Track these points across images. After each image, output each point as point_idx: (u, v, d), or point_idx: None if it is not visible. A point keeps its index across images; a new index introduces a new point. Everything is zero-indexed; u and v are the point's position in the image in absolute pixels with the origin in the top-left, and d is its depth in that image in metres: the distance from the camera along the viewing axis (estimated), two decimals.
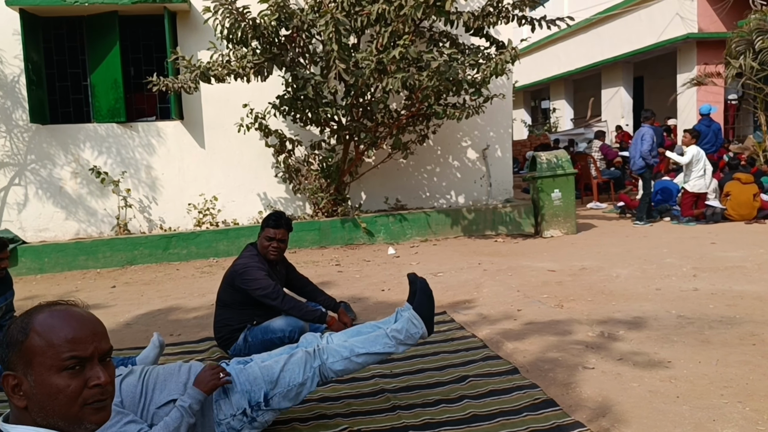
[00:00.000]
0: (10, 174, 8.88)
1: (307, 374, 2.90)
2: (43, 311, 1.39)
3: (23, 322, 1.37)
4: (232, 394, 2.83)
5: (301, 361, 2.92)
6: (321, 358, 2.94)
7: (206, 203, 9.07)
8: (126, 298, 6.31)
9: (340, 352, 2.97)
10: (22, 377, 1.34)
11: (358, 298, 5.66)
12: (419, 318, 3.06)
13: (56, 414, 1.34)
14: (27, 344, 1.34)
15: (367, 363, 3.04)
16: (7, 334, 1.37)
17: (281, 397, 2.86)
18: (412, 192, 9.78)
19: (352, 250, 8.40)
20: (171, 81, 7.69)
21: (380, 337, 3.02)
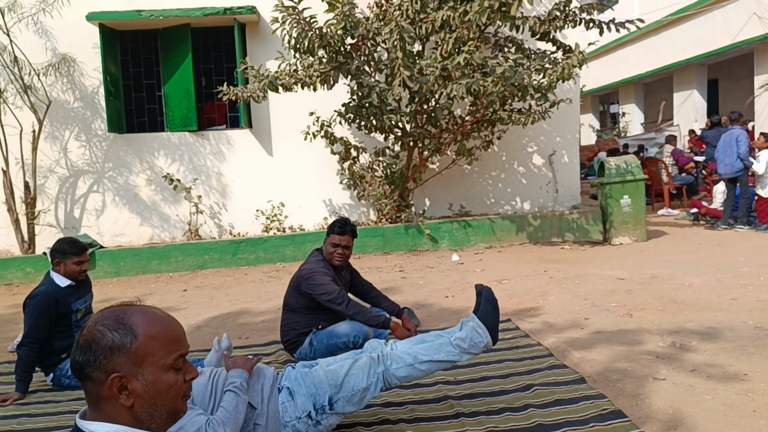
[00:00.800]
0: (89, 181, 9.30)
1: (371, 380, 2.93)
2: (139, 313, 1.45)
3: (124, 325, 1.41)
4: (297, 397, 2.90)
5: (365, 366, 2.96)
6: (385, 364, 2.97)
7: (273, 209, 9.26)
8: (197, 302, 6.51)
9: (403, 358, 2.98)
10: (131, 377, 1.40)
11: (421, 304, 5.67)
12: (484, 327, 3.05)
13: (165, 408, 1.43)
14: (138, 345, 1.40)
15: (431, 370, 3.05)
16: (102, 338, 1.40)
17: (345, 402, 2.90)
18: (477, 198, 9.72)
19: (416, 256, 8.41)
20: (240, 90, 7.90)
21: (444, 345, 3.02)
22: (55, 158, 9.21)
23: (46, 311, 4.05)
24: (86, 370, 1.40)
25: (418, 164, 8.81)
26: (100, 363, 1.39)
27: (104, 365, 1.39)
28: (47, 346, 4.09)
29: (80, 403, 3.83)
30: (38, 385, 4.18)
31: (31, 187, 8.75)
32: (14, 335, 5.20)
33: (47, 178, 9.19)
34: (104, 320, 1.44)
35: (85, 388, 1.42)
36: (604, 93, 25.56)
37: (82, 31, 8.88)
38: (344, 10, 7.23)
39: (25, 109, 8.57)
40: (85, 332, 1.42)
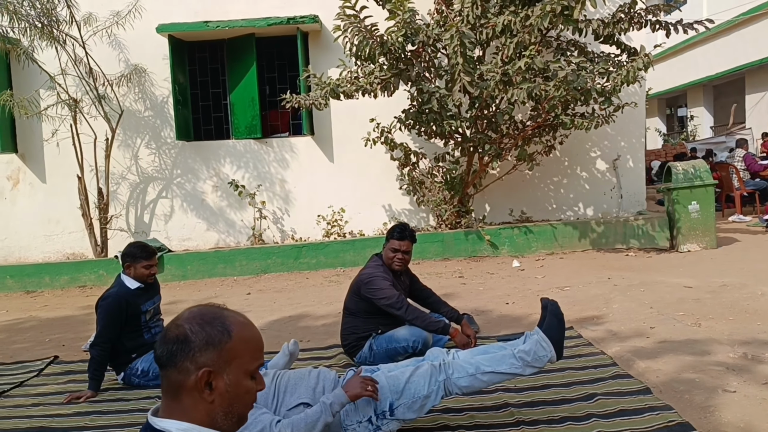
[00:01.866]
0: (158, 187, 9.62)
1: (432, 387, 2.93)
2: (234, 315, 1.52)
3: (222, 323, 1.48)
4: (358, 401, 2.93)
5: (426, 373, 2.96)
6: (446, 372, 2.97)
7: (334, 215, 9.38)
8: (260, 305, 6.65)
9: (465, 368, 2.98)
10: (218, 375, 1.45)
11: (481, 310, 5.63)
12: (548, 341, 3.00)
13: (237, 412, 1.48)
14: (230, 346, 1.46)
15: (492, 382, 3.04)
16: (201, 332, 1.46)
17: (406, 408, 2.92)
18: (538, 204, 9.60)
19: (476, 262, 8.36)
20: (303, 98, 8.04)
21: (507, 357, 3.00)
22: (126, 165, 9.57)
23: (117, 312, 4.21)
24: (176, 360, 1.44)
25: (478, 170, 8.76)
26: (193, 355, 1.44)
27: (196, 357, 1.44)
28: (118, 345, 4.26)
29: (149, 402, 3.97)
30: (109, 383, 4.35)
31: (104, 193, 9.12)
32: (87, 335, 5.42)
33: (119, 185, 9.56)
34: (202, 316, 1.49)
35: (167, 377, 1.46)
36: (672, 96, 24.82)
37: (152, 43, 9.22)
38: (405, 17, 7.28)
39: (99, 118, 8.95)
40: (177, 324, 1.48)
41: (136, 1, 8.73)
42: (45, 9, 8.25)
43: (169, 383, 1.47)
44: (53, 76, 8.73)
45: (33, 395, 4.32)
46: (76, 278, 8.64)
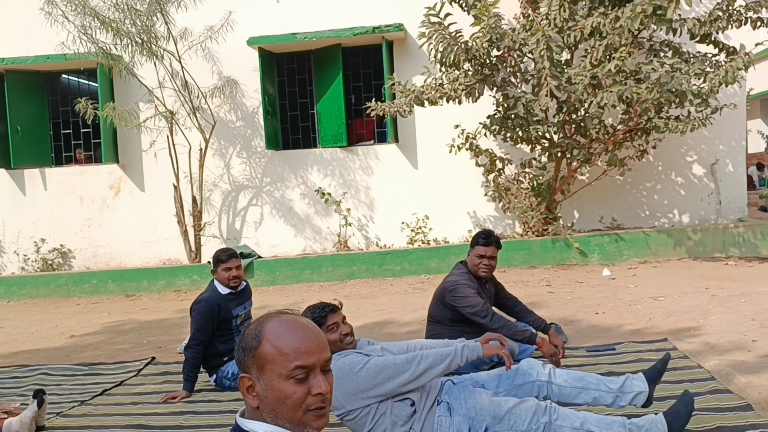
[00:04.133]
0: (248, 195, 9.94)
1: (532, 426, 2.86)
2: (273, 320, 1.53)
3: (256, 329, 1.52)
4: (455, 415, 2.91)
5: (530, 410, 2.89)
6: (550, 415, 2.88)
7: (418, 222, 9.38)
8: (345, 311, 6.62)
9: (571, 419, 2.86)
10: (255, 380, 1.50)
11: (569, 320, 5.49)
12: (666, 428, 2.85)
13: (283, 416, 1.49)
14: (260, 351, 1.49)
15: None
16: (242, 339, 1.54)
17: None
18: (630, 210, 9.27)
19: (564, 270, 8.16)
20: (388, 106, 8.10)
21: (617, 423, 2.85)
22: (219, 174, 9.93)
23: (209, 316, 4.37)
24: (239, 365, 1.54)
25: (566, 175, 8.56)
26: (242, 361, 1.52)
27: (242, 364, 1.52)
28: (210, 348, 4.41)
29: (239, 404, 4.09)
30: (203, 384, 4.52)
31: (198, 201, 9.49)
32: (182, 338, 5.65)
33: (212, 192, 9.93)
34: (253, 323, 1.57)
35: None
36: None
37: (243, 55, 9.53)
38: (490, 22, 7.22)
39: (194, 129, 9.33)
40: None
41: (228, 15, 9.06)
42: (145, 26, 8.69)
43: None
44: (151, 89, 9.18)
45: (132, 394, 4.55)
46: (171, 283, 9.03)
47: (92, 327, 7.10)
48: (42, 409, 3.82)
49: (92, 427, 3.90)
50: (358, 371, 2.81)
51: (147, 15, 8.62)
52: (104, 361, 5.47)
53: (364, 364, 2.83)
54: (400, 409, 2.87)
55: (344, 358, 2.89)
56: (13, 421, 3.75)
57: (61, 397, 4.56)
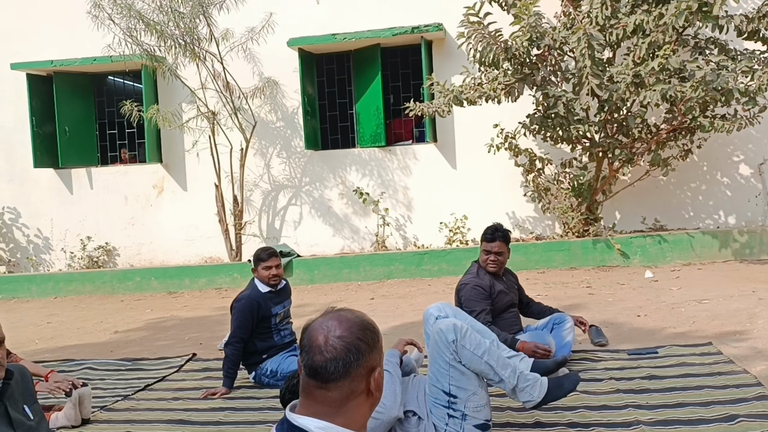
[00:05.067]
0: (288, 195, 10.03)
1: (448, 355, 2.98)
2: (371, 322, 1.60)
3: (371, 325, 1.57)
4: (430, 414, 3.03)
5: (443, 342, 3.03)
6: (457, 334, 3.00)
7: (457, 222, 9.35)
8: (383, 310, 6.74)
9: (477, 344, 3.01)
10: (379, 370, 1.57)
11: (610, 323, 5.40)
12: (545, 392, 3.06)
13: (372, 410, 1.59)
14: (381, 344, 1.58)
15: (483, 374, 3.02)
16: (364, 335, 1.54)
17: (457, 381, 2.99)
18: (673, 211, 9.08)
19: (605, 272, 8.04)
20: (426, 106, 8.09)
21: (510, 366, 3.06)
22: (259, 173, 10.05)
23: (249, 314, 4.42)
24: (351, 369, 1.49)
25: (607, 176, 8.43)
26: (366, 360, 1.51)
27: (367, 362, 1.52)
28: (250, 346, 4.47)
29: (278, 401, 4.12)
30: (242, 381, 4.58)
31: (239, 200, 9.62)
32: (222, 334, 5.72)
33: (252, 192, 10.05)
34: (354, 322, 1.56)
35: (338, 389, 1.50)
36: None
37: (283, 56, 9.62)
38: (530, 21, 7.15)
39: (235, 129, 9.46)
40: (337, 336, 1.51)
41: (269, 17, 9.15)
42: (188, 28, 8.84)
43: (339, 394, 1.50)
44: (194, 90, 9.34)
45: (173, 389, 4.63)
46: (213, 280, 9.17)
47: (135, 323, 7.26)
48: (86, 402, 3.92)
49: (135, 421, 3.99)
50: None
51: (190, 17, 8.77)
52: (147, 357, 5.58)
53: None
54: (407, 425, 2.97)
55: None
56: (59, 415, 3.86)
57: (105, 392, 4.66)
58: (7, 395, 2.39)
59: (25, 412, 2.45)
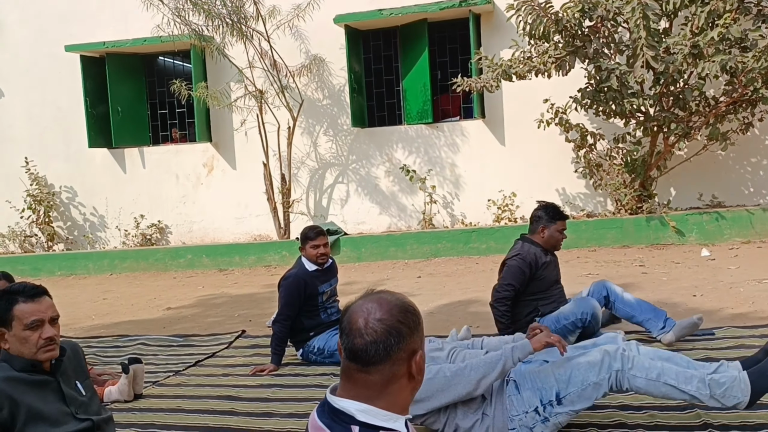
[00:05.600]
0: (335, 173, 10.04)
1: (603, 375, 2.75)
2: (406, 298, 1.57)
3: (411, 308, 1.54)
4: (522, 391, 2.87)
5: (597, 360, 2.79)
6: (623, 363, 2.75)
7: (505, 199, 9.21)
8: (429, 288, 6.71)
9: (647, 369, 2.73)
10: (420, 353, 1.54)
11: (665, 303, 5.24)
12: (749, 387, 2.64)
13: (413, 392, 1.56)
14: (422, 325, 1.55)
15: (667, 396, 2.76)
16: (405, 318, 1.51)
17: (575, 397, 2.78)
18: (732, 187, 8.74)
19: (659, 250, 7.82)
20: (474, 81, 7.95)
21: (695, 378, 2.69)
22: (306, 152, 10.08)
23: (296, 292, 4.44)
24: (391, 352, 1.46)
25: (662, 151, 8.16)
26: (406, 343, 1.48)
27: (408, 345, 1.49)
28: (297, 324, 4.49)
29: (325, 378, 4.16)
30: (290, 359, 4.62)
31: (287, 179, 9.68)
32: (271, 312, 5.77)
33: (299, 170, 10.10)
34: (397, 306, 1.52)
35: (379, 373, 1.47)
36: None
37: (330, 33, 9.58)
38: None
39: (282, 107, 9.49)
40: (378, 319, 1.48)
41: None
42: (235, 7, 8.87)
43: (380, 378, 1.48)
44: (241, 69, 9.39)
45: (223, 366, 4.71)
46: (262, 258, 9.28)
47: (187, 300, 7.41)
48: (139, 377, 4.02)
49: (185, 397, 4.07)
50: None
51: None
52: (198, 333, 5.69)
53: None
54: (469, 400, 2.85)
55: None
56: (113, 389, 3.96)
57: (158, 367, 4.77)
58: (60, 371, 2.45)
59: (78, 388, 2.50)
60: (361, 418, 1.47)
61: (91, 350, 5.40)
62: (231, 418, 3.65)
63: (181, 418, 3.72)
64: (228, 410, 3.77)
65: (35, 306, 2.36)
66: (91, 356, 5.23)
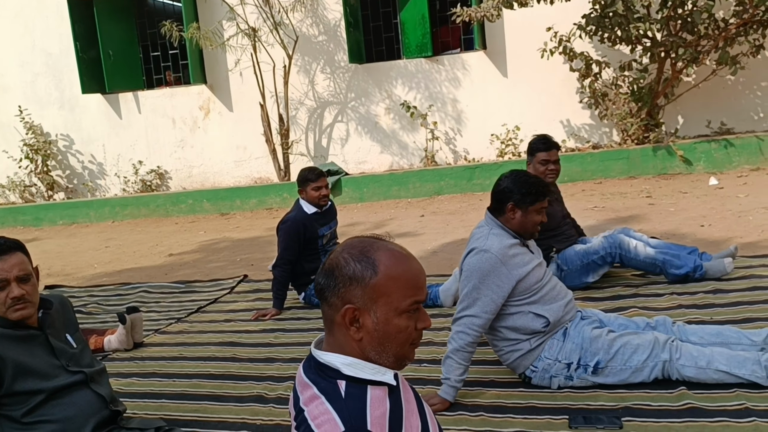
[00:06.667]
0: (333, 112, 9.83)
1: (649, 363, 2.68)
2: (385, 251, 1.42)
3: (368, 258, 1.40)
4: (567, 341, 2.82)
5: (648, 345, 2.71)
6: (671, 353, 2.67)
7: (508, 133, 9.01)
8: (433, 227, 6.62)
9: (696, 358, 2.64)
10: (364, 312, 1.39)
11: (672, 234, 5.15)
12: None
13: (392, 351, 1.41)
14: (376, 282, 1.38)
15: (722, 381, 2.62)
16: (346, 267, 1.40)
17: (612, 371, 2.74)
18: (741, 113, 8.51)
19: (666, 180, 7.67)
20: (474, 10, 7.66)
21: (750, 361, 2.58)
22: (303, 91, 9.84)
23: (295, 235, 4.36)
24: (326, 294, 1.41)
25: (670, 77, 7.91)
26: (339, 290, 1.40)
27: (342, 293, 1.40)
28: (298, 267, 4.42)
29: None
30: (292, 302, 4.58)
31: (285, 119, 9.48)
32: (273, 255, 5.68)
33: (298, 110, 9.88)
34: (351, 249, 1.43)
35: (322, 310, 1.45)
36: None
37: None
38: None
39: (277, 45, 9.21)
40: (331, 257, 1.44)
41: None
42: None
43: (324, 316, 1.45)
44: (233, 6, 9.06)
45: (225, 311, 4.67)
46: (263, 201, 9.19)
47: (189, 245, 7.36)
48: (137, 326, 3.97)
49: (187, 344, 4.04)
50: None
51: None
52: (200, 279, 5.64)
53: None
54: (531, 321, 2.81)
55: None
56: (112, 338, 3.92)
57: (160, 314, 4.74)
58: (47, 324, 2.39)
59: (68, 340, 2.44)
60: (348, 372, 1.40)
61: (93, 299, 5.38)
62: (233, 365, 3.61)
63: (183, 365, 3.68)
64: (230, 356, 3.74)
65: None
66: (93, 305, 5.21)
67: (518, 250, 2.86)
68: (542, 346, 2.83)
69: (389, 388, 1.43)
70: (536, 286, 2.83)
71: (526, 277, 2.81)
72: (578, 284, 4.00)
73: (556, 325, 2.84)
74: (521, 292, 2.81)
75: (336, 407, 1.34)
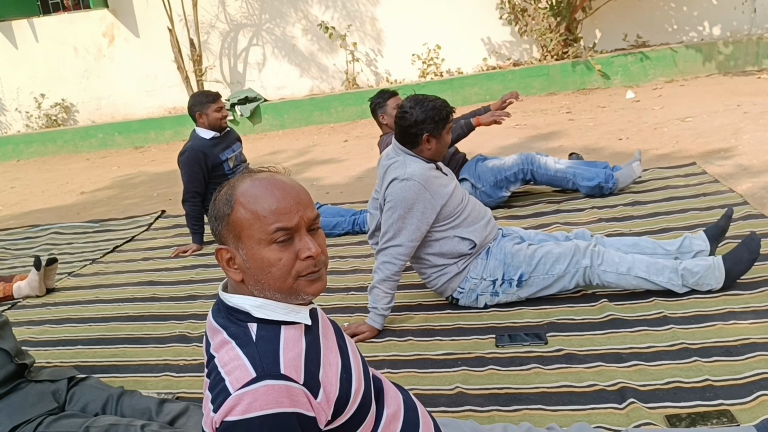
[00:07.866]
0: (248, 35, 9.37)
1: (570, 269, 2.70)
2: (245, 181, 1.33)
3: (227, 194, 1.32)
4: (491, 259, 2.82)
5: (569, 252, 2.72)
6: (593, 260, 2.68)
7: (429, 53, 8.84)
8: (357, 152, 6.50)
9: (616, 264, 2.66)
10: (234, 251, 1.31)
11: (591, 148, 5.21)
12: (724, 274, 2.58)
13: (271, 287, 1.30)
14: (234, 217, 1.30)
15: (639, 288, 2.68)
16: (214, 207, 1.35)
17: (534, 282, 2.76)
18: (657, 26, 8.61)
19: (585, 95, 7.75)
20: None
21: (667, 269, 2.62)
22: (214, 13, 9.30)
23: (196, 165, 4.18)
24: (215, 237, 1.35)
25: None
26: (215, 232, 1.34)
27: (218, 234, 1.34)
28: (209, 197, 4.24)
29: None
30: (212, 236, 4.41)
31: (196, 44, 8.99)
32: None
33: (209, 34, 9.37)
34: (222, 187, 1.35)
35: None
36: None
37: None
38: None
39: None
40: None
41: None
42: None
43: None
44: None
45: (143, 249, 4.48)
46: (179, 132, 8.80)
47: (102, 182, 7.01)
48: (51, 272, 3.76)
49: (103, 286, 3.86)
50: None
51: None
52: (115, 217, 5.39)
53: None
54: (457, 245, 2.78)
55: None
56: (22, 284, 3.70)
57: (73, 256, 4.51)
58: None
59: None
60: (258, 315, 1.30)
61: (0, 244, 5.07)
62: (153, 305, 3.47)
63: (99, 309, 3.52)
64: (150, 296, 3.60)
65: None
66: (1, 250, 4.90)
67: (436, 173, 2.80)
68: (468, 268, 2.82)
69: (305, 327, 1.34)
70: (458, 208, 2.79)
71: (448, 201, 2.75)
72: (493, 200, 4.02)
73: (482, 246, 2.83)
74: (445, 217, 2.76)
75: (246, 352, 1.25)
